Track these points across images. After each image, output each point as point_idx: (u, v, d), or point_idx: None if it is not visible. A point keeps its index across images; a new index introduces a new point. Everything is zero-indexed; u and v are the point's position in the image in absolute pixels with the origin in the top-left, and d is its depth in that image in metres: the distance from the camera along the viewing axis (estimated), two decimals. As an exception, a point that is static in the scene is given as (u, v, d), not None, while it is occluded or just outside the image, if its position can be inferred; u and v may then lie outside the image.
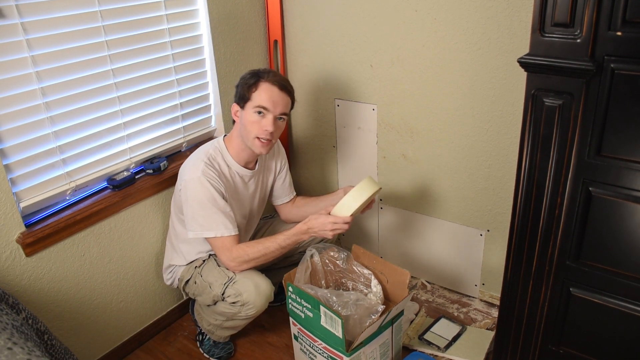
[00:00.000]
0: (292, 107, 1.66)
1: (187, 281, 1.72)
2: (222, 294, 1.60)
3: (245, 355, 1.85)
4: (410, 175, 2.02)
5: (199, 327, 1.85)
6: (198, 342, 1.87)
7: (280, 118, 1.60)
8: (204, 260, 1.72)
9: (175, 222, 1.73)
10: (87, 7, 1.54)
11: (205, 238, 1.61)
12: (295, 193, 1.96)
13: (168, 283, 1.83)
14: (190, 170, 1.59)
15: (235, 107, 1.63)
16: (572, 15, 1.02)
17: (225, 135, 1.71)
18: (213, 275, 1.65)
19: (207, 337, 1.83)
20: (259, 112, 1.57)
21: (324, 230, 1.54)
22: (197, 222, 1.57)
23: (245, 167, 1.69)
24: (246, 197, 1.73)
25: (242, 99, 1.59)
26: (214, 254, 1.73)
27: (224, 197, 1.59)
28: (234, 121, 1.68)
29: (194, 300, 1.90)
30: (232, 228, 1.58)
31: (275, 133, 1.60)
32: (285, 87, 1.60)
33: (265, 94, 1.56)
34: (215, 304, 1.66)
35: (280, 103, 1.58)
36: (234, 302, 1.59)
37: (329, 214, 1.56)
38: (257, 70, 1.62)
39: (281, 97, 1.58)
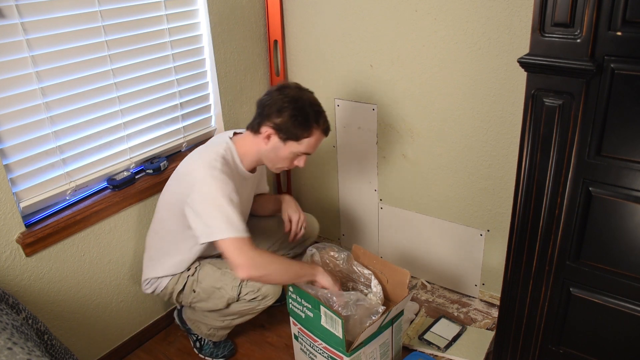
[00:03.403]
0: None
1: (181, 291, 1.65)
2: (239, 295, 1.59)
3: (245, 355, 1.84)
4: (410, 175, 2.02)
5: (194, 334, 1.82)
6: (197, 350, 1.83)
7: None
8: (195, 268, 1.65)
9: (169, 231, 1.62)
10: (87, 7, 1.54)
11: (217, 241, 1.45)
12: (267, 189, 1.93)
13: (148, 292, 1.71)
14: (205, 169, 1.47)
15: (270, 131, 1.51)
16: (572, 15, 1.02)
17: (232, 136, 1.63)
18: (220, 280, 1.60)
19: (206, 341, 1.81)
20: (300, 154, 1.56)
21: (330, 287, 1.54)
22: (212, 223, 1.44)
23: (248, 170, 1.66)
24: (245, 198, 1.73)
25: (288, 136, 1.50)
26: (208, 258, 1.68)
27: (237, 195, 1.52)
28: (250, 128, 1.58)
29: (179, 311, 1.87)
30: (244, 230, 1.47)
31: None
32: (329, 131, 1.59)
33: (315, 143, 1.54)
34: (228, 306, 1.63)
35: (318, 146, 1.59)
36: (253, 298, 1.59)
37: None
38: (308, 104, 1.50)
39: (322, 141, 1.58)
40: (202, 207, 1.45)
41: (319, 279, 1.56)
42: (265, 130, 1.52)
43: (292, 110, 1.48)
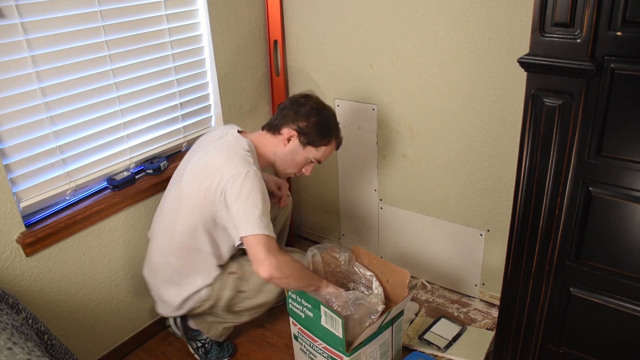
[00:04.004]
0: None
1: (232, 297, 1.59)
2: None
3: (245, 355, 1.85)
4: (410, 175, 2.02)
5: (200, 340, 1.77)
6: (200, 357, 1.79)
7: None
8: (236, 268, 1.60)
9: (201, 235, 1.54)
10: (87, 7, 1.54)
11: (245, 237, 1.40)
12: None
13: (180, 313, 1.64)
14: (235, 166, 1.43)
15: (293, 133, 1.56)
16: (572, 15, 1.02)
17: (243, 132, 1.61)
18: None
19: (210, 345, 1.78)
20: (312, 161, 1.63)
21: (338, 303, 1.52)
22: (247, 218, 1.39)
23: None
24: None
25: (309, 140, 1.57)
26: (236, 256, 1.65)
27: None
28: (268, 128, 1.61)
29: (183, 321, 1.77)
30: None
31: None
32: (340, 146, 1.70)
33: (329, 152, 1.64)
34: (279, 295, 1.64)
35: None
36: None
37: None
38: (331, 115, 1.63)
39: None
40: (239, 201, 1.41)
41: (323, 290, 1.54)
42: (288, 132, 1.57)
43: (319, 117, 1.58)
